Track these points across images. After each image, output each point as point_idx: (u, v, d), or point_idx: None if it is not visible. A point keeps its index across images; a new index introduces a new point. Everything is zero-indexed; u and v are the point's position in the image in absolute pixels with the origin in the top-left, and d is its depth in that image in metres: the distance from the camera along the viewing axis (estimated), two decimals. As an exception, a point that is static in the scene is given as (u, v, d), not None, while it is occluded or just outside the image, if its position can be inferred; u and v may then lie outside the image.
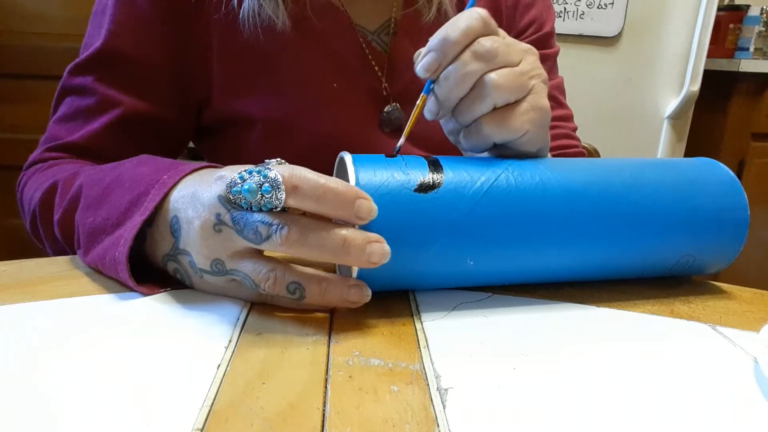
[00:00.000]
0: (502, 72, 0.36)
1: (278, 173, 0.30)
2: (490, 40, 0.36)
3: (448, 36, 0.36)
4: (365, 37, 0.57)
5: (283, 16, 0.53)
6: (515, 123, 0.37)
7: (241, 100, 0.55)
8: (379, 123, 0.58)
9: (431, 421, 0.25)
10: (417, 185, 0.33)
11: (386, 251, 0.31)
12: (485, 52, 0.36)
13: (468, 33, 0.36)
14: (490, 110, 0.37)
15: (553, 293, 0.39)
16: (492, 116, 0.37)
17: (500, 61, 0.36)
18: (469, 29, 0.36)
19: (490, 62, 0.36)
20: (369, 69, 0.57)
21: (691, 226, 0.38)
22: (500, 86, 0.36)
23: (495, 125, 0.37)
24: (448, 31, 0.36)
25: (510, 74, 0.36)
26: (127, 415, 0.24)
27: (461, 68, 0.36)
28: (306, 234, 0.30)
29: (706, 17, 1.58)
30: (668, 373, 0.30)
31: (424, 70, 0.37)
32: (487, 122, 0.37)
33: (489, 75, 0.36)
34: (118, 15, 0.52)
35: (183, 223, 0.33)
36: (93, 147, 0.53)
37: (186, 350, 0.29)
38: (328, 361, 0.29)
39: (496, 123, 0.37)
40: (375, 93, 0.58)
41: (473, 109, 0.37)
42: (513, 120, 0.37)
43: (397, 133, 0.58)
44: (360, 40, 0.57)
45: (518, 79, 0.37)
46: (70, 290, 0.36)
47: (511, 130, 0.37)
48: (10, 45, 1.51)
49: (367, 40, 0.57)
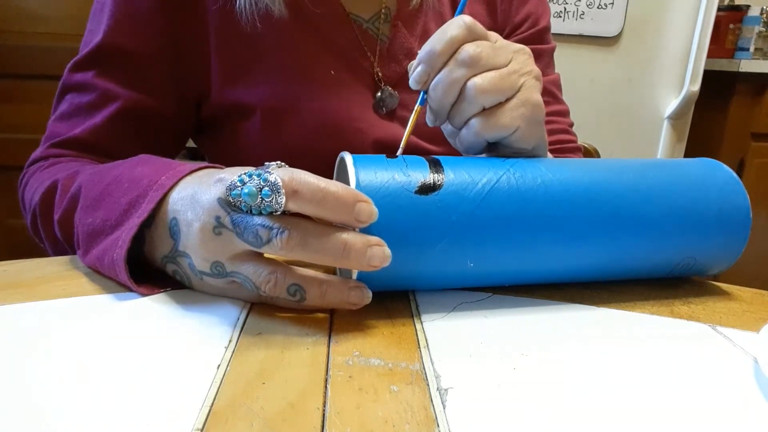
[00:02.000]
0: (487, 75, 0.37)
1: (278, 177, 0.30)
2: (473, 46, 0.38)
3: (434, 48, 0.38)
4: (360, 25, 0.58)
5: (280, 5, 0.54)
6: (504, 120, 0.38)
7: (240, 89, 0.55)
8: (373, 107, 0.59)
9: (431, 421, 0.25)
10: (418, 187, 0.33)
11: (387, 254, 0.31)
12: (468, 58, 0.37)
13: (452, 42, 0.38)
14: (480, 111, 0.38)
15: (553, 293, 0.39)
16: (481, 115, 0.38)
17: (484, 65, 0.38)
18: (453, 39, 0.38)
19: (474, 67, 0.37)
20: (363, 56, 0.58)
21: (693, 227, 0.38)
22: (484, 89, 0.37)
23: (484, 123, 0.38)
24: (434, 42, 0.38)
25: (495, 76, 0.38)
26: (127, 415, 0.24)
27: (447, 76, 0.38)
28: (306, 238, 0.30)
29: (706, 17, 1.58)
30: (668, 374, 0.30)
31: (416, 82, 0.39)
32: (477, 122, 0.38)
33: (472, 80, 0.37)
34: (117, 11, 0.52)
35: (182, 225, 0.33)
36: (94, 141, 0.53)
37: (186, 350, 0.29)
38: (328, 361, 0.29)
39: (485, 121, 0.38)
40: (369, 78, 0.59)
41: (462, 112, 0.38)
42: (502, 117, 0.38)
43: (391, 114, 0.60)
44: (354, 28, 0.58)
45: (504, 80, 0.38)
46: (70, 290, 0.36)
47: (501, 127, 0.38)
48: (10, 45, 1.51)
49: (362, 28, 0.59)
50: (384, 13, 0.60)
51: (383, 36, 0.59)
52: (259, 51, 0.55)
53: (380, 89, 0.58)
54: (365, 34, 0.59)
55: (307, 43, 0.56)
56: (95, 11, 0.55)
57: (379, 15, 0.59)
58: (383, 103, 0.58)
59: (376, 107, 0.59)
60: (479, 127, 0.38)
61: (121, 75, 0.53)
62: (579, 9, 1.61)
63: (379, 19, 0.59)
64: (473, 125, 0.38)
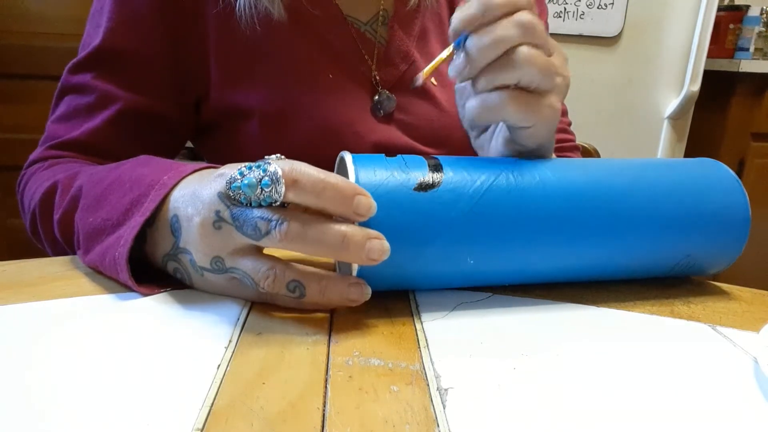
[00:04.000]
0: (537, 51, 0.36)
1: (278, 167, 0.31)
2: (531, 14, 0.36)
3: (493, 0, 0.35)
4: (358, 28, 0.58)
5: (279, 8, 0.54)
6: (531, 109, 0.36)
7: (239, 92, 0.55)
8: (371, 110, 0.59)
9: (431, 421, 0.25)
10: (416, 184, 0.34)
11: (386, 248, 0.31)
12: (527, 22, 0.35)
13: (513, 3, 0.35)
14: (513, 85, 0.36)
15: (553, 293, 0.39)
16: (513, 92, 0.36)
17: (538, 38, 0.36)
18: (514, 1, 0.35)
19: (528, 36, 0.35)
20: (361, 59, 0.58)
21: (693, 226, 0.38)
22: (532, 62, 0.35)
23: (513, 102, 0.36)
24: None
25: (543, 57, 0.36)
26: (127, 415, 0.24)
27: (501, 30, 0.35)
28: (305, 229, 0.30)
29: (706, 17, 1.58)
30: (668, 374, 0.30)
31: (462, 21, 0.35)
32: (506, 96, 0.36)
33: (523, 47, 0.35)
34: (116, 13, 0.53)
35: (183, 221, 0.33)
36: (93, 143, 0.53)
37: (186, 350, 0.29)
38: (328, 361, 0.29)
39: (515, 101, 0.36)
40: (367, 82, 0.59)
41: (499, 76, 0.36)
42: (530, 106, 0.36)
43: (389, 118, 0.59)
44: (352, 31, 0.58)
45: (549, 66, 0.36)
46: (70, 290, 0.36)
47: (524, 115, 0.36)
48: (10, 45, 1.51)
49: (359, 31, 0.59)
50: (382, 15, 0.60)
51: (381, 39, 0.59)
52: (258, 54, 0.55)
53: (378, 92, 0.58)
54: (363, 37, 0.59)
55: (305, 47, 0.56)
56: (94, 13, 0.55)
57: (377, 17, 0.59)
58: (381, 106, 0.58)
59: (373, 110, 0.59)
60: (509, 100, 0.36)
61: (121, 77, 0.53)
62: (579, 9, 1.61)
63: (377, 21, 0.59)
64: (503, 97, 0.36)
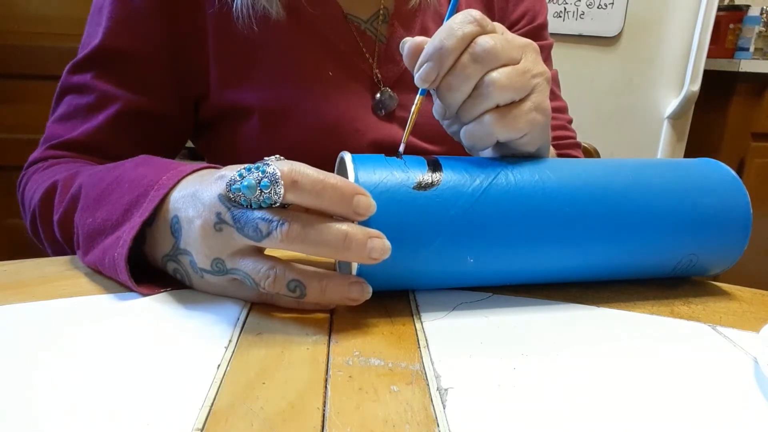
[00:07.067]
0: (504, 71, 0.35)
1: (277, 168, 0.31)
2: (488, 38, 0.35)
3: (443, 44, 0.35)
4: (358, 26, 0.58)
5: (277, 7, 0.54)
6: (518, 123, 0.36)
7: (238, 91, 0.55)
8: (372, 108, 0.59)
9: (431, 421, 0.25)
10: (416, 183, 0.34)
11: (387, 247, 0.31)
12: (483, 52, 0.35)
13: (464, 38, 0.35)
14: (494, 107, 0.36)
15: (553, 293, 0.39)
16: (496, 112, 0.36)
17: (501, 59, 0.36)
18: (465, 35, 0.35)
19: (490, 62, 0.35)
20: (361, 57, 0.58)
21: (693, 226, 0.38)
22: (503, 85, 0.35)
23: (500, 121, 0.36)
24: (442, 38, 0.35)
25: (512, 73, 0.36)
26: (127, 415, 0.24)
27: (461, 73, 0.35)
28: (306, 230, 0.30)
29: (706, 17, 1.58)
30: (668, 374, 0.30)
31: (423, 80, 0.36)
32: (491, 118, 0.36)
33: (490, 74, 0.35)
34: (115, 12, 0.53)
35: (183, 222, 0.33)
36: (93, 143, 0.53)
37: (186, 350, 0.29)
38: (328, 361, 0.29)
39: (500, 119, 0.36)
40: (368, 80, 0.59)
41: (475, 107, 0.36)
42: (515, 120, 0.36)
43: (390, 116, 0.59)
44: (352, 29, 0.58)
45: (520, 78, 0.36)
46: (70, 290, 0.36)
47: (513, 130, 0.37)
48: (10, 45, 1.51)
49: (360, 29, 0.58)
50: (382, 13, 0.59)
51: (381, 37, 0.59)
52: (257, 53, 0.55)
53: (379, 91, 0.58)
54: (363, 35, 0.58)
55: (304, 45, 0.56)
56: (94, 13, 0.55)
57: (378, 15, 0.59)
58: (382, 105, 0.58)
59: (375, 109, 0.58)
60: (494, 123, 0.36)
61: (120, 77, 0.53)
62: (579, 9, 1.60)
63: (377, 19, 0.59)
64: (487, 121, 0.36)
